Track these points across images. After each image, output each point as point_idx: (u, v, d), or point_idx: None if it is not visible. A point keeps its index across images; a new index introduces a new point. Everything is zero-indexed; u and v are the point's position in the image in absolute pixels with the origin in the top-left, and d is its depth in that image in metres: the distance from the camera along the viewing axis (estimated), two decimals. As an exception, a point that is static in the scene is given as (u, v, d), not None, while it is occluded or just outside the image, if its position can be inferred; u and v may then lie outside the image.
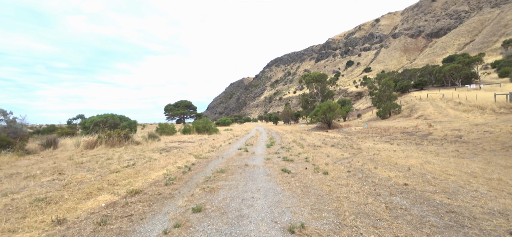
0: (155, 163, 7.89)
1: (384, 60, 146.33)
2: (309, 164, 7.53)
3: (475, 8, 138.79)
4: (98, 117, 18.84)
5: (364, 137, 17.20)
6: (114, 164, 7.88)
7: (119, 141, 13.40)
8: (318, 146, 12.22)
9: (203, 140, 17.33)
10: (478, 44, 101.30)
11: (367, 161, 7.76)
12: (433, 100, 35.57)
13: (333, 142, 14.39)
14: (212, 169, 7.06)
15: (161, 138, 19.20)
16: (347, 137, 17.42)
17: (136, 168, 7.20)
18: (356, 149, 10.85)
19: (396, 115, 36.50)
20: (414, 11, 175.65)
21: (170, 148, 12.17)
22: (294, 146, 12.55)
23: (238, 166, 7.31)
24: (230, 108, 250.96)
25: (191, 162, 8.23)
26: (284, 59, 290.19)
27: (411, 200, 4.21)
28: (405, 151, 9.82)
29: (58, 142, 13.39)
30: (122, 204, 4.22)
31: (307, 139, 17.09)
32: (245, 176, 6.13)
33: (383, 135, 17.58)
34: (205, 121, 23.67)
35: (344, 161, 7.96)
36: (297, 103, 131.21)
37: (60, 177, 6.11)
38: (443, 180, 5.43)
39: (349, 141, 14.43)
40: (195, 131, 23.32)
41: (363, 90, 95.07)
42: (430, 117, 26.42)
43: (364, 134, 19.86)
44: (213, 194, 4.63)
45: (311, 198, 4.36)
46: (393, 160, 7.80)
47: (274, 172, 6.52)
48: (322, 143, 13.67)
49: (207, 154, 10.28)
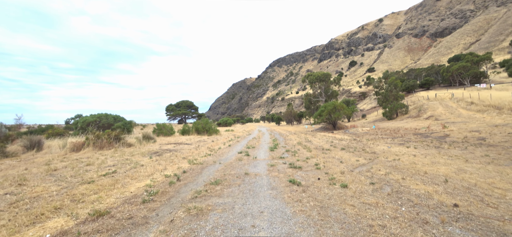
0: (140, 170, 6.75)
1: (388, 60, 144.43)
2: (321, 173, 6.33)
3: (481, 7, 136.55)
4: (91, 117, 17.79)
5: (374, 138, 15.96)
6: (92, 171, 6.75)
7: (109, 142, 12.30)
8: (327, 150, 11.01)
9: (202, 142, 16.19)
10: (484, 43, 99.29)
11: (390, 169, 6.55)
12: (442, 100, 34.11)
13: (342, 144, 13.17)
14: (206, 179, 5.90)
15: (157, 139, 18.12)
16: (355, 139, 16.18)
17: (115, 176, 6.06)
18: (370, 153, 9.63)
19: (404, 116, 35.08)
20: (418, 11, 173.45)
21: (163, 151, 11.03)
22: (300, 149, 11.35)
23: (237, 175, 6.14)
24: (232, 109, 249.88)
25: (182, 168, 7.08)
26: (286, 59, 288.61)
27: (478, 234, 3.00)
28: (426, 155, 8.58)
29: (43, 144, 12.32)
30: (74, 234, 3.07)
31: (313, 140, 15.88)
32: (244, 189, 4.95)
33: (394, 137, 16.31)
34: (205, 121, 22.55)
35: (361, 169, 6.76)
36: (300, 104, 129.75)
37: (17, 189, 4.98)
38: (499, 197, 4.21)
39: (359, 144, 13.20)
40: (195, 132, 22.22)
41: (367, 90, 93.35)
42: (441, 118, 25.05)
43: (373, 135, 18.59)
44: (200, 220, 3.45)
45: (334, 228, 3.17)
46: (419, 168, 6.59)
47: (280, 183, 5.34)
48: (331, 146, 12.45)
49: (203, 158, 9.13)
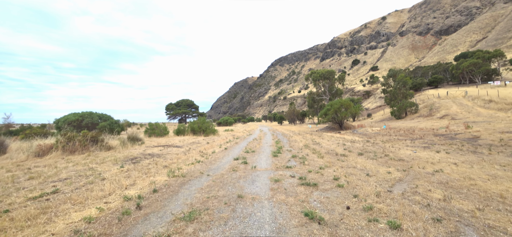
0: (94, 188, 4.90)
1: (392, 59, 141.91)
2: (347, 194, 4.45)
3: (487, 4, 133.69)
4: (73, 116, 16.02)
5: (389, 140, 14.02)
6: (26, 189, 4.91)
7: (84, 145, 10.49)
8: (341, 155, 9.10)
9: (195, 143, 14.36)
10: (491, 40, 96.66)
11: (443, 189, 4.65)
12: (455, 99, 32.02)
13: (357, 147, 11.26)
14: (179, 206, 4.04)
15: (148, 140, 16.33)
16: (369, 141, 14.27)
17: (51, 201, 4.21)
18: (397, 161, 7.73)
19: (413, 115, 33.04)
20: (422, 9, 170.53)
21: (144, 157, 9.18)
22: (309, 154, 9.45)
23: (226, 200, 4.27)
24: (234, 108, 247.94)
25: (155, 185, 5.23)
26: (288, 58, 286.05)
27: None
28: (471, 164, 6.67)
29: (7, 147, 10.55)
30: None
31: (321, 142, 13.96)
32: (233, 233, 3.09)
33: (412, 138, 14.35)
34: (202, 120, 20.70)
35: (402, 188, 4.87)
36: (302, 103, 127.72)
37: None
38: None
39: (376, 147, 11.29)
40: (190, 132, 20.39)
41: (371, 89, 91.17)
42: (457, 117, 23.04)
43: (386, 136, 16.65)
44: None
45: None
46: (483, 186, 4.70)
47: (290, 218, 3.46)
48: (345, 150, 10.54)
49: (189, 167, 7.28)
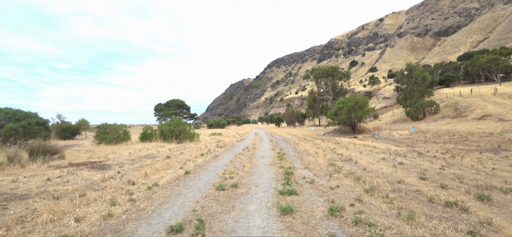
0: None
1: (390, 60, 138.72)
2: None
3: (487, 5, 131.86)
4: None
5: (446, 150, 9.06)
6: None
7: None
8: (416, 191, 4.12)
9: (149, 159, 9.25)
10: (494, 41, 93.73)
11: None
12: (483, 97, 27.48)
13: (413, 165, 6.27)
14: None
15: (87, 150, 11.17)
16: (412, 150, 9.32)
17: None
18: None
19: (434, 116, 28.38)
20: (420, 10, 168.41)
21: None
22: (363, 196, 4.45)
23: None
24: (230, 110, 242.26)
25: None
26: (285, 59, 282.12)
27: None
28: None
29: None
30: None
31: (351, 156, 8.82)
32: None
33: (480, 149, 9.37)
34: (176, 121, 15.55)
35: None
36: (299, 105, 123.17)
37: None
38: None
39: (433, 163, 6.31)
40: (159, 138, 15.22)
41: (372, 89, 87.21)
42: (505, 118, 18.34)
43: (429, 142, 11.73)
44: None
45: None
46: None
47: None
48: (406, 173, 5.54)
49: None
